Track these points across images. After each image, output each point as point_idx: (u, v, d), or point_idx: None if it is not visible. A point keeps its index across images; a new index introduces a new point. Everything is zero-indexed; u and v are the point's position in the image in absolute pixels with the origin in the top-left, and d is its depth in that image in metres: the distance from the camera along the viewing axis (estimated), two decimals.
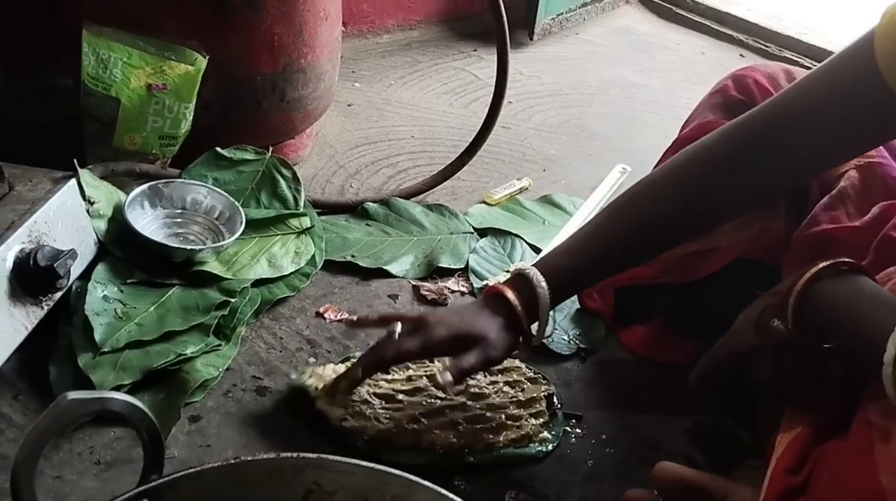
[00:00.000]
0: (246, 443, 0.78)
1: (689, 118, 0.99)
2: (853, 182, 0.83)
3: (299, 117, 1.18)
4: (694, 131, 0.93)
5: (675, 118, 1.03)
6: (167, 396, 0.79)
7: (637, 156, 1.42)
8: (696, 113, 0.97)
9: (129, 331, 0.83)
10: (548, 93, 1.67)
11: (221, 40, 1.03)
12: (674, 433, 0.87)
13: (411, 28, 1.81)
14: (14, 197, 0.82)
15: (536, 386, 0.88)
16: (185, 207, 0.99)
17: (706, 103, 0.96)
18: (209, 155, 1.05)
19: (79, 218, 0.87)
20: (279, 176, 1.07)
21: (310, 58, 1.13)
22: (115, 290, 0.87)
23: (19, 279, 0.76)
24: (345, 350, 0.91)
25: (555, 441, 0.82)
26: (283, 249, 1.00)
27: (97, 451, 0.74)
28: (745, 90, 0.92)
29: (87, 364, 0.79)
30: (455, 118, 1.49)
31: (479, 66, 1.71)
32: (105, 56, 0.97)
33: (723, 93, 0.94)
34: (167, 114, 1.01)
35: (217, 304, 0.89)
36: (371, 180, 1.25)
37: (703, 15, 2.13)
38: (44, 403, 0.77)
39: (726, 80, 0.95)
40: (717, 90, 0.96)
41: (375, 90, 1.54)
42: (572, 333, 0.98)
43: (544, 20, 1.86)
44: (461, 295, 1.02)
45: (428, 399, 0.84)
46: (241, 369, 0.86)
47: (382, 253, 1.06)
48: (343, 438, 0.78)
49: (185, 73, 0.99)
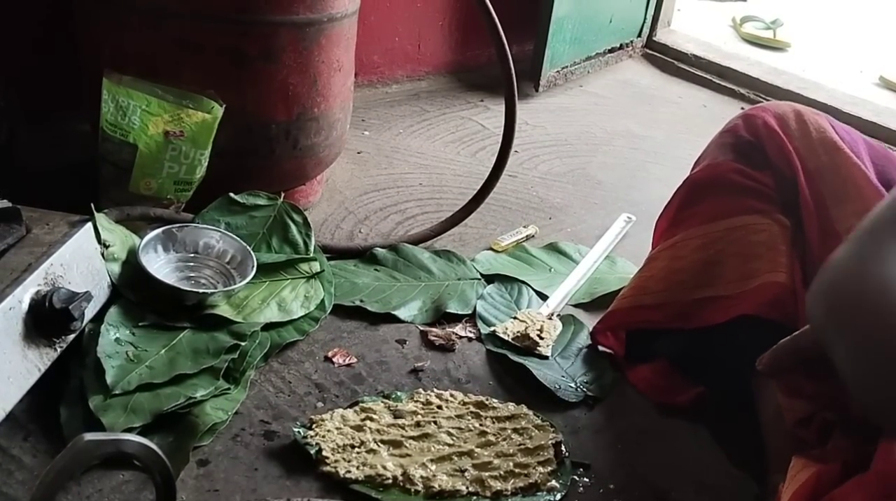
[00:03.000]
0: (254, 488, 0.77)
1: (700, 158, 1.00)
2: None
3: (311, 164, 1.20)
4: (704, 171, 0.94)
5: (678, 168, 1.05)
6: (176, 439, 0.79)
7: (641, 205, 1.44)
8: (707, 153, 0.98)
9: (140, 374, 0.83)
10: (553, 142, 1.69)
11: (238, 89, 1.06)
12: (683, 482, 0.86)
13: (419, 79, 1.86)
14: (31, 239, 0.84)
15: (544, 433, 0.88)
16: (197, 251, 1.00)
17: (717, 142, 0.96)
18: (222, 200, 1.06)
19: (94, 261, 0.88)
20: (290, 221, 1.09)
21: (323, 107, 1.15)
22: (127, 333, 0.87)
23: (34, 321, 0.77)
24: (353, 394, 0.91)
25: (563, 489, 0.82)
26: (293, 293, 1.01)
27: (105, 494, 0.74)
28: (754, 131, 0.92)
29: (97, 406, 0.79)
30: (462, 166, 1.51)
31: (485, 115, 1.74)
32: (124, 103, 0.99)
33: (733, 132, 0.95)
34: (183, 161, 1.03)
35: (227, 348, 0.89)
36: (380, 226, 1.27)
37: (705, 69, 2.18)
38: (54, 445, 0.77)
39: (737, 119, 0.96)
40: (728, 130, 0.96)
41: (384, 138, 1.57)
42: (580, 380, 0.98)
43: (549, 72, 1.90)
44: (468, 341, 1.03)
45: (436, 445, 0.84)
46: (249, 413, 0.86)
47: (391, 299, 1.07)
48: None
49: (202, 120, 1.02)
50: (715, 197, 0.93)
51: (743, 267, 0.89)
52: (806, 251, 0.88)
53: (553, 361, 1.01)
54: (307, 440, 0.82)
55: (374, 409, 0.87)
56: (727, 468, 0.89)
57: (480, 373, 0.98)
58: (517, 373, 0.98)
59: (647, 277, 0.98)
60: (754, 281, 0.87)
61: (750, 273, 0.88)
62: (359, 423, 0.85)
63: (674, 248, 0.96)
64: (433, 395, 0.91)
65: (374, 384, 0.93)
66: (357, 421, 0.85)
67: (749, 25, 2.54)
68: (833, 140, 0.90)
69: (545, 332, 1.03)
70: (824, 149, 0.90)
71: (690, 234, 0.95)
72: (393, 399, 0.90)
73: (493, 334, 1.03)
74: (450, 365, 0.99)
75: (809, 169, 0.89)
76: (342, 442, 0.82)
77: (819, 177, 0.88)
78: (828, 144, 0.90)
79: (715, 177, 0.94)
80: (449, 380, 0.96)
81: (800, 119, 0.92)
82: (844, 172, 0.88)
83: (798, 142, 0.90)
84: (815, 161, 0.89)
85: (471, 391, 0.94)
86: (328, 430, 0.83)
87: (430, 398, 0.91)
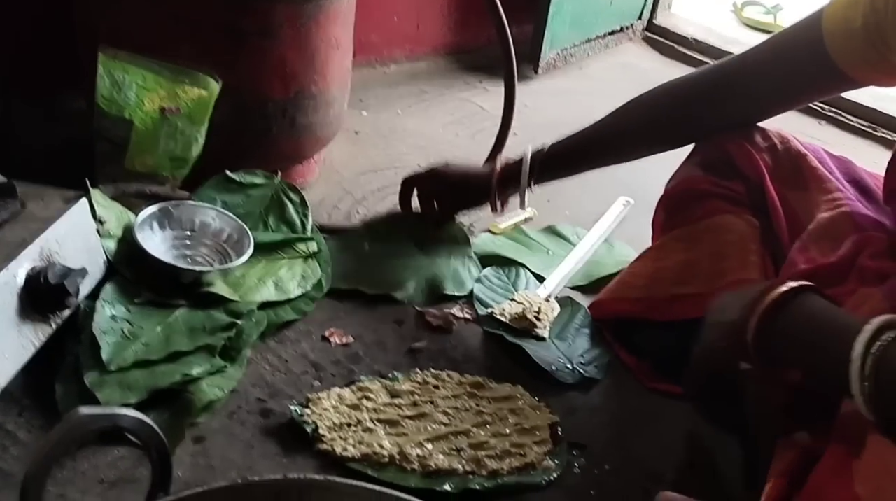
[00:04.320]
0: (250, 465, 0.77)
1: (670, 179, 1.04)
2: (822, 223, 0.87)
3: (308, 143, 1.19)
4: (678, 186, 1.00)
5: (676, 153, 1.04)
6: (172, 416, 0.79)
7: (639, 189, 1.43)
8: (676, 174, 1.03)
9: (135, 351, 0.83)
10: (552, 125, 1.67)
11: (235, 66, 1.05)
12: (678, 464, 0.87)
13: (418, 59, 1.84)
14: (26, 215, 0.83)
15: (540, 414, 0.88)
16: (193, 229, 1.00)
17: (684, 164, 1.03)
18: (219, 178, 1.06)
19: (89, 237, 0.87)
20: (287, 200, 1.08)
21: (320, 85, 1.14)
22: (123, 310, 0.87)
23: (30, 296, 0.77)
24: (349, 373, 0.91)
25: (558, 469, 0.82)
26: (290, 273, 1.01)
27: (101, 470, 0.74)
28: (722, 149, 0.97)
29: (93, 382, 0.79)
30: (461, 148, 1.50)
31: (484, 97, 1.73)
32: (120, 79, 0.98)
33: (700, 154, 1.01)
34: (179, 138, 1.02)
35: (223, 326, 0.89)
36: (377, 206, 1.26)
37: (706, 53, 2.16)
38: (49, 421, 0.77)
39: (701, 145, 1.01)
40: (694, 153, 1.02)
41: (382, 119, 1.56)
42: (576, 362, 0.98)
43: (549, 55, 1.89)
44: (466, 323, 1.03)
45: (432, 424, 0.84)
46: (245, 391, 0.86)
47: (387, 278, 1.07)
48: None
49: (199, 97, 1.01)
50: (690, 205, 0.98)
51: (716, 265, 0.92)
52: (776, 247, 0.92)
53: (550, 343, 1.01)
54: (304, 418, 0.82)
55: (370, 388, 0.87)
56: (721, 450, 0.89)
57: (477, 354, 0.98)
58: (514, 355, 0.98)
59: (633, 274, 1.02)
60: (724, 278, 0.90)
61: (721, 271, 0.91)
62: (355, 402, 0.85)
63: (660, 250, 1.00)
64: (430, 375, 0.91)
65: (371, 364, 0.93)
66: (354, 400, 0.85)
67: (750, 10, 2.53)
68: (797, 148, 0.96)
69: (542, 314, 1.03)
70: (788, 158, 0.95)
71: (675, 237, 0.99)
72: (390, 378, 0.90)
73: (491, 315, 1.03)
74: (447, 345, 0.98)
75: (777, 176, 0.94)
76: (339, 421, 0.82)
77: (784, 183, 0.94)
78: (791, 152, 0.95)
79: (687, 189, 0.99)
80: (446, 361, 0.96)
81: (764, 134, 0.97)
82: (806, 174, 0.94)
83: (765, 154, 0.95)
84: (781, 170, 0.94)
85: (468, 371, 0.94)
86: (325, 409, 0.83)
87: (427, 378, 0.91)
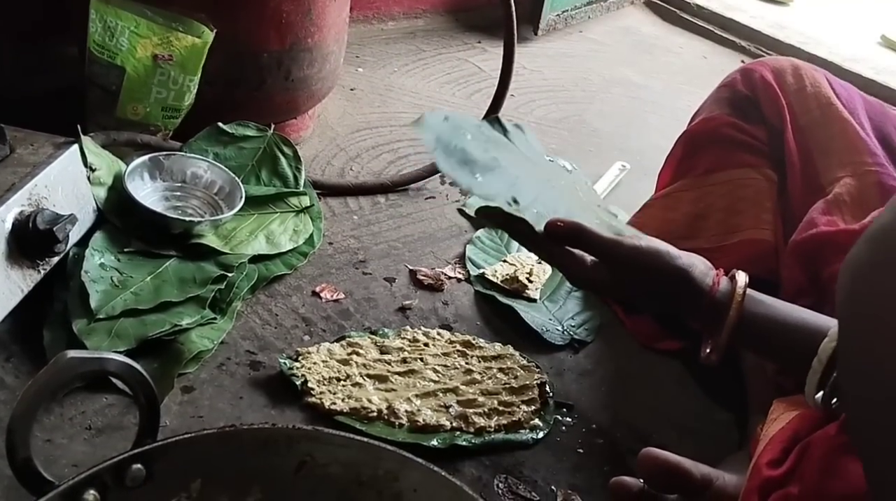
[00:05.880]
0: (238, 416, 0.77)
1: (697, 111, 1.00)
2: (849, 189, 0.83)
3: (303, 97, 1.17)
4: (699, 125, 0.95)
5: (675, 119, 1.04)
6: (161, 366, 0.79)
7: (636, 154, 1.42)
8: (704, 106, 0.98)
9: (124, 300, 0.82)
10: (550, 88, 1.67)
11: (229, 14, 1.03)
12: (665, 426, 0.87)
13: (416, 17, 1.81)
14: (15, 159, 0.82)
15: (529, 374, 0.88)
16: (184, 180, 0.99)
17: (714, 96, 0.97)
18: (211, 129, 1.04)
19: (79, 184, 0.86)
20: (280, 154, 1.06)
21: (317, 37, 1.12)
22: (113, 259, 0.86)
23: (18, 241, 0.76)
24: (339, 329, 0.91)
25: (545, 428, 0.83)
26: (282, 227, 1.00)
27: (88, 417, 0.74)
28: (751, 85, 0.93)
29: (81, 329, 0.78)
30: (457, 108, 1.49)
31: (482, 57, 1.71)
32: (112, 24, 0.96)
33: (730, 87, 0.95)
34: (171, 86, 1.00)
35: (214, 278, 0.88)
36: (371, 164, 1.25)
37: (707, 20, 2.14)
38: (36, 366, 0.76)
39: (735, 73, 0.96)
40: (725, 84, 0.97)
41: (379, 76, 1.54)
42: (567, 324, 0.98)
43: (549, 16, 1.86)
44: (457, 282, 1.02)
45: (421, 381, 0.84)
46: (235, 343, 0.86)
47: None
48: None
49: (192, 45, 0.99)
50: (708, 150, 0.94)
51: (727, 221, 0.90)
52: (787, 206, 0.89)
53: (541, 304, 1.01)
54: (293, 371, 0.82)
55: (360, 344, 0.87)
56: (710, 412, 0.90)
57: (468, 314, 0.98)
58: (505, 315, 0.98)
59: (640, 224, 0.97)
60: (736, 236, 0.88)
61: (733, 227, 0.89)
62: (345, 357, 0.85)
63: (668, 198, 0.97)
64: (420, 333, 0.91)
65: (362, 320, 0.93)
66: (343, 355, 0.85)
67: None
68: (827, 95, 0.90)
69: (534, 276, 1.03)
70: (817, 104, 0.90)
71: (685, 186, 0.95)
72: (380, 335, 0.90)
73: (482, 276, 1.03)
74: (437, 304, 0.98)
75: (800, 124, 0.90)
76: (328, 375, 0.82)
77: (809, 132, 0.89)
78: (821, 99, 0.90)
79: (709, 131, 0.94)
80: (436, 319, 0.96)
81: (796, 73, 0.92)
82: (834, 126, 0.88)
83: (792, 97, 0.91)
84: (807, 116, 0.90)
85: (458, 331, 0.94)
86: (314, 362, 0.83)
87: (417, 335, 0.91)
